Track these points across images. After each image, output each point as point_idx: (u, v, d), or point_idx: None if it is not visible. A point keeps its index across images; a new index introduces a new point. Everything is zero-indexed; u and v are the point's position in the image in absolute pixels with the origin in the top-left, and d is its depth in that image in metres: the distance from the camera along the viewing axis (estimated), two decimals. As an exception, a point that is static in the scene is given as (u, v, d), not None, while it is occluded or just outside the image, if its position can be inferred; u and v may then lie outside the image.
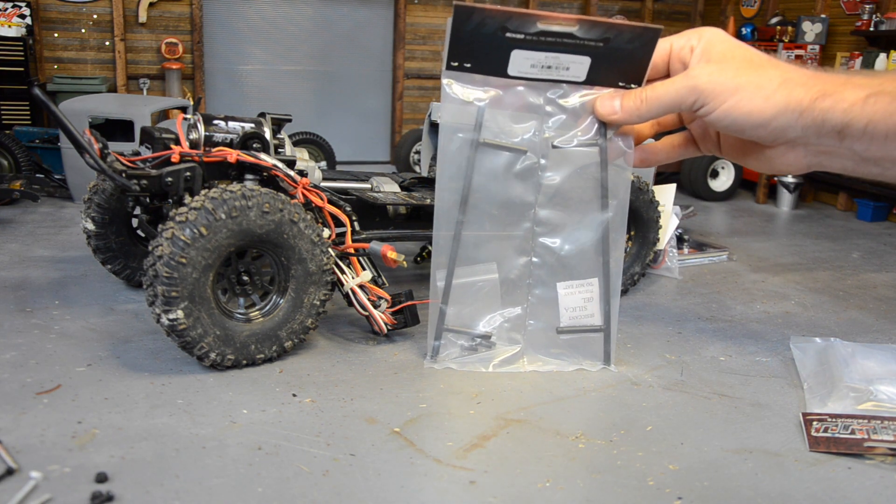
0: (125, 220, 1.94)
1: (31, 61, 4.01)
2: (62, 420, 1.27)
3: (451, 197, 1.49)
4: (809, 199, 4.22)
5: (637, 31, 1.32)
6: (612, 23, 1.32)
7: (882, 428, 1.31)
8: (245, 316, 1.53)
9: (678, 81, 1.26)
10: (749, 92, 1.18)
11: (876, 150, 1.14)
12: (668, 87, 1.27)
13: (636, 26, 1.31)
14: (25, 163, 3.27)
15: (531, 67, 1.38)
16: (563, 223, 1.53)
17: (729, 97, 1.20)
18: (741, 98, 1.19)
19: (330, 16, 4.78)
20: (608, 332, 1.58)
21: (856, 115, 1.11)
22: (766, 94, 1.17)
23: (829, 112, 1.13)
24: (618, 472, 1.19)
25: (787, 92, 1.16)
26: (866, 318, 2.11)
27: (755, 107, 1.18)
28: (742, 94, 1.19)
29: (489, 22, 1.31)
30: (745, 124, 1.20)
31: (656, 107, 1.30)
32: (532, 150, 1.49)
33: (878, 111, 1.10)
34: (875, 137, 1.11)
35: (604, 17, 1.36)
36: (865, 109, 1.10)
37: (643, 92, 1.32)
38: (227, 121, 1.71)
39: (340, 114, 4.94)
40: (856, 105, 1.11)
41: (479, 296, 1.55)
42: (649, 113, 1.32)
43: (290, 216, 1.49)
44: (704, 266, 2.64)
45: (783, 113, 1.16)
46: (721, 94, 1.20)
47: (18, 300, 1.87)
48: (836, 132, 1.14)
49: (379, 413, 1.36)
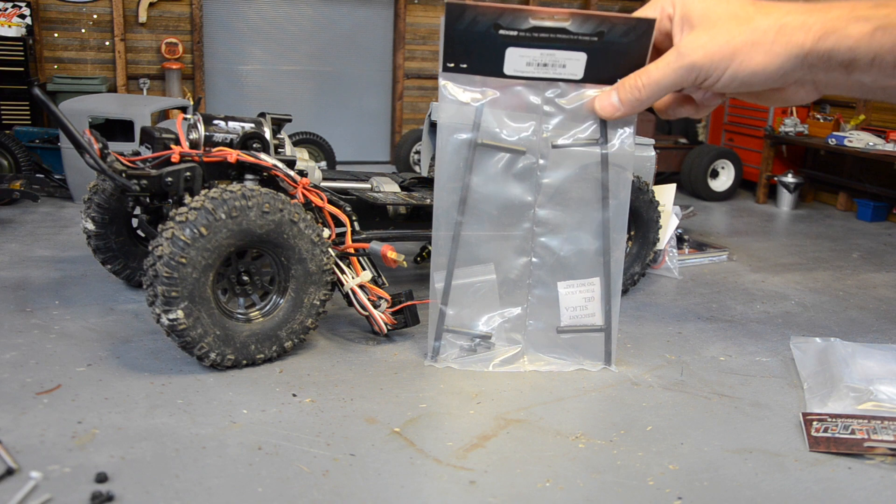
0: (125, 220, 1.94)
1: (31, 61, 4.01)
2: (62, 420, 1.27)
3: (449, 197, 1.49)
4: (809, 199, 4.22)
5: (631, 24, 1.30)
6: (604, 16, 1.31)
7: (882, 428, 1.31)
8: (245, 316, 1.53)
9: (672, 61, 1.22)
10: (747, 51, 1.15)
11: (882, 81, 1.12)
12: (664, 68, 1.24)
13: (629, 18, 1.30)
14: (25, 163, 3.27)
15: (527, 65, 1.38)
16: (563, 223, 1.52)
17: (729, 63, 1.16)
18: (742, 60, 1.15)
19: (330, 16, 4.78)
20: (609, 332, 1.58)
21: (862, 50, 1.08)
22: (765, 49, 1.14)
23: (833, 50, 1.10)
24: (618, 472, 1.19)
25: (786, 39, 1.13)
26: (866, 318, 2.11)
27: (757, 64, 1.15)
28: (741, 56, 1.15)
29: (481, 19, 1.31)
30: (752, 82, 1.17)
31: (656, 91, 1.27)
32: (531, 150, 1.48)
33: (884, 45, 1.07)
34: (883, 68, 1.09)
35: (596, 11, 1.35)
36: (872, 44, 1.07)
37: (638, 79, 1.29)
38: (227, 121, 1.71)
39: (340, 114, 4.94)
40: (862, 40, 1.08)
41: (478, 296, 1.55)
42: (650, 99, 1.30)
43: (290, 216, 1.49)
44: (704, 266, 2.64)
45: (787, 61, 1.13)
46: (720, 63, 1.17)
47: (18, 300, 1.87)
48: (843, 67, 1.11)
49: (379, 413, 1.36)
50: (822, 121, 4.00)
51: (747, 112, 4.38)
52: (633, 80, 1.31)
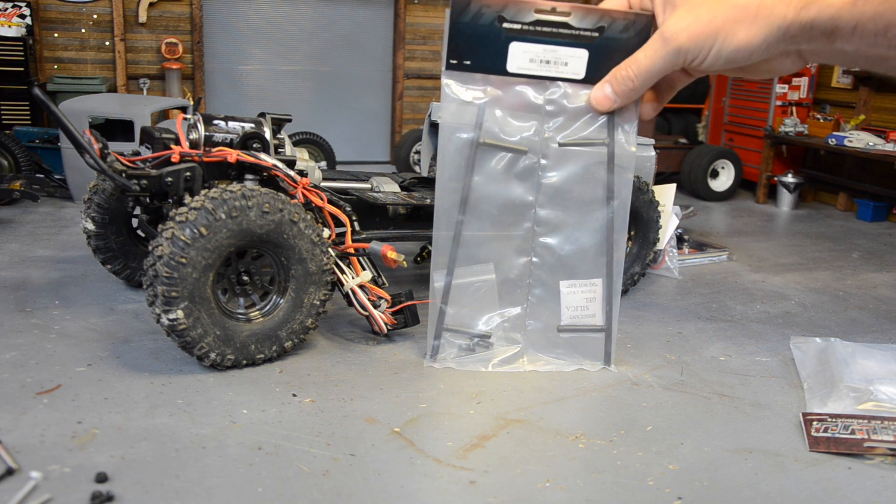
0: (125, 220, 1.94)
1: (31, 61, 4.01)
2: (62, 420, 1.27)
3: (450, 197, 1.49)
4: (809, 199, 4.22)
5: (630, 19, 1.33)
6: (604, 10, 1.33)
7: (882, 428, 1.31)
8: (245, 316, 1.53)
9: (659, 48, 1.24)
10: (730, 28, 1.16)
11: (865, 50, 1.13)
12: (652, 55, 1.25)
13: (628, 13, 1.32)
14: (25, 163, 3.26)
15: (530, 62, 1.39)
16: (564, 223, 1.53)
17: (713, 41, 1.18)
18: (725, 37, 1.17)
19: (330, 16, 4.77)
20: (609, 332, 1.58)
21: (844, 19, 1.09)
22: (747, 24, 1.15)
23: (815, 20, 1.11)
24: (618, 472, 1.19)
25: (768, 13, 1.14)
26: (866, 318, 2.11)
27: (741, 40, 1.16)
28: (724, 33, 1.17)
29: (486, 11, 1.33)
30: (737, 59, 1.19)
31: (647, 79, 1.29)
32: (532, 150, 1.48)
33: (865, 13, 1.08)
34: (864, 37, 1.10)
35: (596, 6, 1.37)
36: (854, 12, 1.08)
37: (629, 69, 1.31)
38: (227, 121, 1.71)
39: (340, 114, 4.94)
40: (843, 9, 1.09)
41: (477, 296, 1.55)
42: (643, 86, 1.31)
43: (290, 216, 1.49)
44: (704, 266, 2.64)
45: (769, 34, 1.14)
46: (704, 43, 1.19)
47: (18, 300, 1.87)
48: (825, 36, 1.13)
49: (379, 413, 1.36)
50: (822, 121, 4.00)
51: (747, 112, 4.38)
52: (623, 71, 1.32)
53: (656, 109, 1.43)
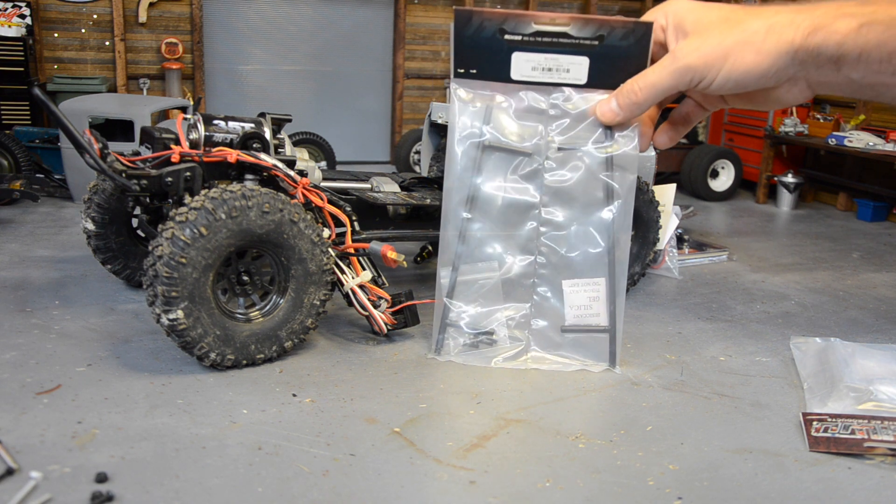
0: (125, 220, 1.94)
1: (31, 61, 4.01)
2: (62, 420, 1.27)
3: (457, 196, 1.53)
4: (809, 199, 4.22)
5: (629, 27, 1.35)
6: (603, 19, 1.37)
7: (882, 428, 1.31)
8: (245, 316, 1.53)
9: (668, 64, 1.26)
10: (739, 51, 1.18)
11: (871, 77, 1.15)
12: (660, 72, 1.27)
13: (627, 21, 1.35)
14: (25, 163, 3.26)
15: (532, 70, 1.43)
16: (568, 223, 1.55)
17: (722, 63, 1.20)
18: (734, 60, 1.19)
19: (330, 16, 4.77)
20: (613, 333, 1.58)
21: (849, 46, 1.12)
22: (756, 48, 1.17)
23: (822, 46, 1.14)
24: (618, 472, 1.19)
25: (777, 37, 1.16)
26: (866, 318, 2.11)
27: (749, 63, 1.18)
28: (734, 56, 1.19)
29: (487, 24, 1.38)
30: (746, 82, 1.21)
31: (653, 94, 1.31)
32: (537, 153, 1.52)
33: (870, 40, 1.11)
34: (870, 63, 1.13)
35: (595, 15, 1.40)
36: (858, 40, 1.11)
37: (635, 84, 1.32)
38: (227, 121, 1.71)
39: (340, 114, 4.94)
40: (849, 36, 1.12)
41: (482, 293, 1.56)
42: (647, 102, 1.33)
43: (290, 216, 1.49)
44: (704, 266, 2.64)
45: (778, 58, 1.17)
46: (713, 63, 1.20)
47: (18, 300, 1.87)
48: (832, 63, 1.15)
49: (379, 413, 1.36)
50: (822, 121, 4.00)
51: (747, 112, 4.38)
52: (630, 85, 1.35)
53: (672, 140, 1.45)
